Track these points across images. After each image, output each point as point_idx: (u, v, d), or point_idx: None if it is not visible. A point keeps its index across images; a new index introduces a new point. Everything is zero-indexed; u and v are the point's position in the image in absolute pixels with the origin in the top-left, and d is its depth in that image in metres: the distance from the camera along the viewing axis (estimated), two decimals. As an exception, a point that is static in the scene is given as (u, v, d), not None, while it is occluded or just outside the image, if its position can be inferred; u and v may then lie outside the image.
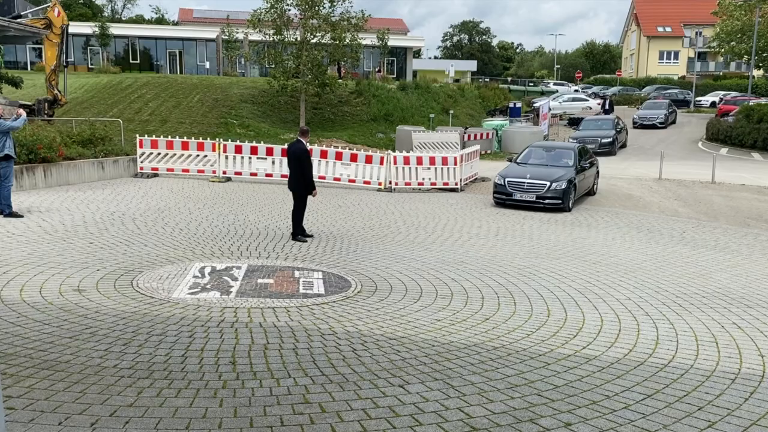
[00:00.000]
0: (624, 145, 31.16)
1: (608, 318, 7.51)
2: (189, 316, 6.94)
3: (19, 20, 21.72)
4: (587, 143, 23.46)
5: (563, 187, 15.60)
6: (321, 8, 32.18)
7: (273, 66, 33.36)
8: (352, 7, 32.83)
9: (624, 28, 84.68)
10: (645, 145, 32.18)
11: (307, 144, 11.57)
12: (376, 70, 44.09)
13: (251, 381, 5.27)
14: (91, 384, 5.05)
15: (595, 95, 51.09)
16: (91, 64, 54.22)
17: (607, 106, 40.72)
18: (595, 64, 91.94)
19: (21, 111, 12.80)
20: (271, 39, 32.33)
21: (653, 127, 37.98)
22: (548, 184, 15.62)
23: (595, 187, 18.51)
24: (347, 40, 32.25)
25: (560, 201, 15.51)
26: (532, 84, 63.37)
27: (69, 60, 23.40)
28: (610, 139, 28.58)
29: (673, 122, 40.39)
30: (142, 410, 4.64)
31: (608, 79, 69.19)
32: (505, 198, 16.04)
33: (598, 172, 18.87)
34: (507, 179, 16.16)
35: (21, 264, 8.70)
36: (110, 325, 6.52)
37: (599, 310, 7.80)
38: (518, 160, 17.71)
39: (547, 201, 15.55)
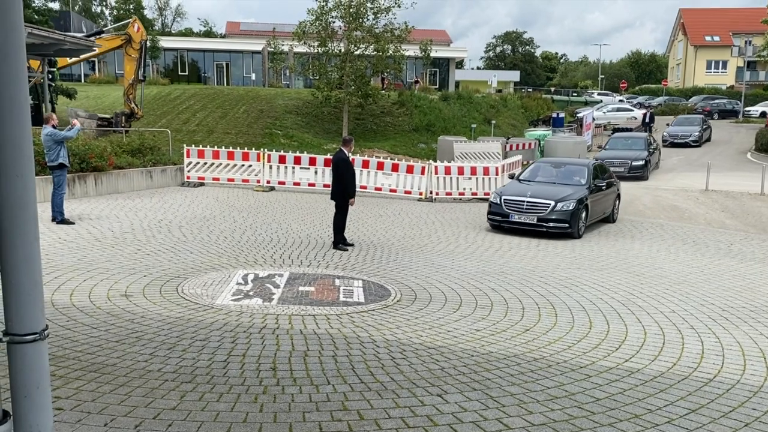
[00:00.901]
0: (657, 166, 27.14)
1: (652, 331, 7.38)
2: (232, 322, 7.07)
3: (95, 35, 22.54)
4: (614, 166, 21.32)
5: (571, 207, 13.23)
6: (365, 20, 32.49)
7: (317, 77, 33.78)
8: (395, 18, 32.98)
9: (670, 37, 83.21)
10: (677, 167, 28.52)
11: (350, 153, 11.69)
12: (414, 81, 43.84)
13: (291, 387, 5.34)
14: (136, 387, 5.19)
15: (641, 105, 50.24)
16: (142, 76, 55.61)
17: (647, 119, 38.46)
18: (640, 74, 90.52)
19: (75, 122, 13.24)
20: (316, 51, 32.76)
21: (685, 145, 34.17)
22: (552, 204, 13.29)
23: (615, 212, 15.87)
24: (390, 52, 32.47)
25: (567, 225, 13.17)
26: (575, 94, 62.61)
27: (144, 74, 24.13)
28: (641, 162, 24.26)
29: (708, 140, 36.59)
30: (184, 414, 4.75)
31: (654, 89, 67.98)
32: (500, 220, 13.70)
33: (618, 195, 16.25)
34: (504, 197, 13.77)
35: (71, 269, 8.98)
36: (155, 329, 6.68)
37: (643, 323, 7.67)
38: (521, 177, 15.44)
39: (551, 224, 13.19)
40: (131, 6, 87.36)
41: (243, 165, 19.67)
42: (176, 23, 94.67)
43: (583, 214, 13.55)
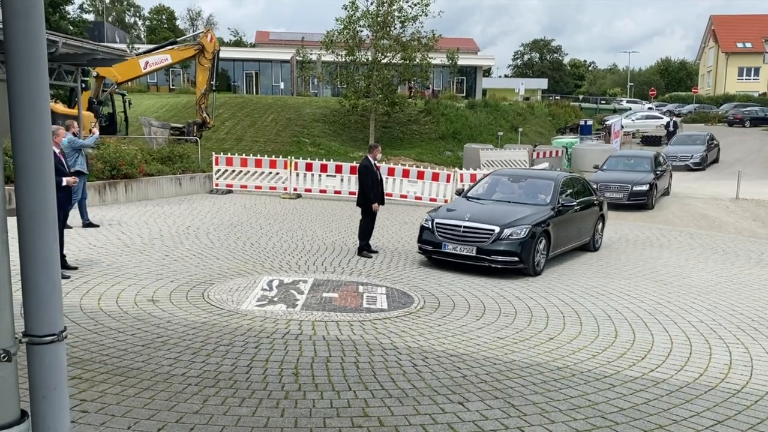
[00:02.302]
0: (667, 192, 21.46)
1: (679, 341, 7.26)
2: (256, 327, 7.12)
3: (169, 45, 23.05)
4: (611, 191, 18.06)
5: (522, 235, 10.13)
6: (392, 29, 32.63)
7: (345, 86, 33.99)
8: (422, 27, 33.02)
9: (701, 44, 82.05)
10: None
11: (375, 160, 11.74)
12: (421, 88, 42.39)
13: (313, 392, 5.37)
14: (160, 391, 5.26)
15: (670, 113, 49.56)
16: (173, 85, 56.52)
17: (671, 128, 36.51)
18: (670, 81, 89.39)
19: (95, 130, 13.49)
20: (344, 60, 32.97)
21: (685, 168, 28.29)
22: (496, 230, 10.16)
23: (597, 238, 12.81)
24: (417, 60, 32.54)
25: (516, 258, 10.05)
26: (603, 102, 62.05)
27: (215, 84, 24.57)
28: (645, 187, 18.70)
29: (715, 161, 31.15)
30: (206, 417, 4.80)
31: (684, 97, 67.10)
32: (431, 250, 10.68)
33: (602, 217, 13.04)
34: (436, 221, 10.76)
35: (100, 274, 9.13)
36: (181, 334, 6.77)
37: (669, 333, 7.55)
38: (470, 194, 12.30)
39: (494, 257, 10.08)
40: (164, 17, 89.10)
41: (270, 173, 19.84)
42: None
43: (542, 244, 10.46)
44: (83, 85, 23.75)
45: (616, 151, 26.83)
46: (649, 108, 54.94)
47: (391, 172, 19.10)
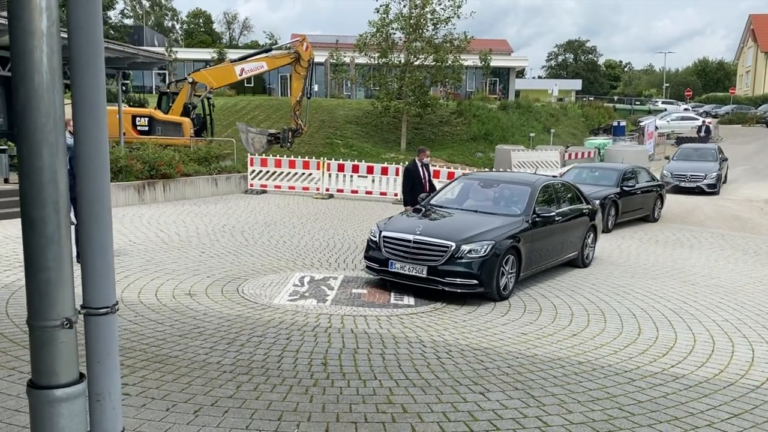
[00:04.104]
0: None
1: (702, 338, 7.35)
2: (287, 320, 7.42)
3: (264, 53, 23.80)
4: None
5: (482, 253, 8.47)
6: (425, 31, 32.86)
7: (378, 88, 34.31)
8: (455, 28, 33.21)
9: (740, 44, 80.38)
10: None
11: (420, 162, 12.28)
12: (446, 88, 42.03)
13: (340, 381, 5.62)
14: (196, 377, 5.57)
15: (706, 114, 48.79)
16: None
17: (703, 132, 33.76)
18: (707, 82, 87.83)
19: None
20: (376, 62, 33.30)
21: (699, 192, 21.82)
22: (452, 247, 8.52)
23: (586, 251, 11.27)
24: (449, 62, 32.71)
25: (475, 281, 8.42)
26: (638, 102, 61.33)
27: (310, 92, 25.19)
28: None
29: (724, 181, 24.35)
30: (240, 402, 5.09)
31: (721, 97, 65.92)
32: (377, 268, 9.12)
33: (593, 227, 11.47)
34: (384, 234, 9.19)
35: (140, 270, 9.53)
36: (216, 325, 7.09)
37: (693, 331, 7.64)
38: (434, 201, 10.64)
39: (448, 279, 8.45)
40: (201, 20, 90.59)
41: (303, 173, 20.23)
42: (243, 36, 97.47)
43: (509, 263, 8.84)
44: (123, 88, 24.48)
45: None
46: (685, 109, 54.22)
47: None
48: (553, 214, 10.07)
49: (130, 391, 5.19)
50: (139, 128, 23.16)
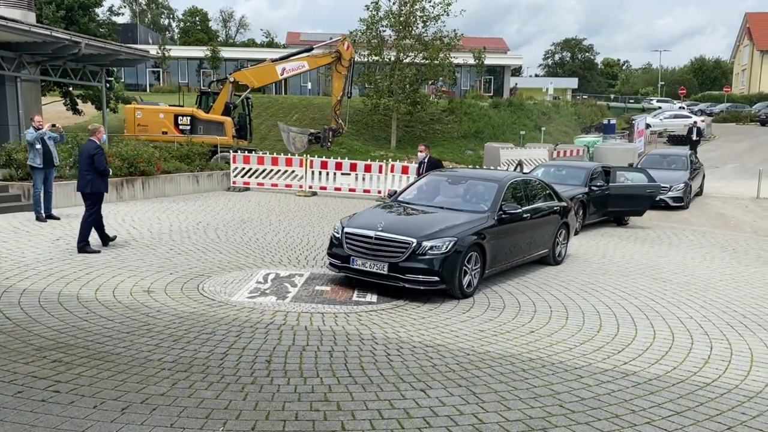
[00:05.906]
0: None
1: (662, 335, 7.25)
2: (241, 317, 7.31)
3: (304, 52, 23.82)
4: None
5: (444, 250, 8.31)
6: (414, 28, 32.74)
7: (369, 85, 34.21)
8: (445, 26, 33.06)
9: (736, 42, 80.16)
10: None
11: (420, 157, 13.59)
12: (439, 84, 41.79)
13: (280, 379, 5.52)
14: (133, 374, 5.46)
15: (701, 112, 48.67)
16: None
17: (694, 135, 30.50)
18: (704, 80, 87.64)
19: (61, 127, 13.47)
20: (367, 60, 33.19)
21: (664, 206, 18.25)
22: (413, 243, 8.35)
23: (558, 249, 11.15)
24: (439, 59, 32.59)
25: (437, 278, 8.29)
26: (632, 101, 61.21)
27: (350, 92, 24.96)
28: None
29: (699, 192, 21.36)
30: (171, 399, 4.98)
31: (716, 96, 65.78)
32: (339, 265, 8.95)
33: (565, 225, 11.32)
34: (346, 230, 9.02)
35: (104, 267, 9.43)
36: (167, 323, 6.98)
37: (654, 328, 7.54)
38: (401, 198, 10.46)
39: (409, 276, 8.30)
40: (197, 18, 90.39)
41: (287, 171, 20.12)
42: (240, 34, 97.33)
43: (472, 260, 8.73)
44: (108, 85, 24.36)
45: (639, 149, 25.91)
46: (680, 107, 54.07)
47: (404, 170, 19.20)
48: (520, 211, 9.85)
49: (61, 389, 5.08)
50: (181, 127, 23.18)
